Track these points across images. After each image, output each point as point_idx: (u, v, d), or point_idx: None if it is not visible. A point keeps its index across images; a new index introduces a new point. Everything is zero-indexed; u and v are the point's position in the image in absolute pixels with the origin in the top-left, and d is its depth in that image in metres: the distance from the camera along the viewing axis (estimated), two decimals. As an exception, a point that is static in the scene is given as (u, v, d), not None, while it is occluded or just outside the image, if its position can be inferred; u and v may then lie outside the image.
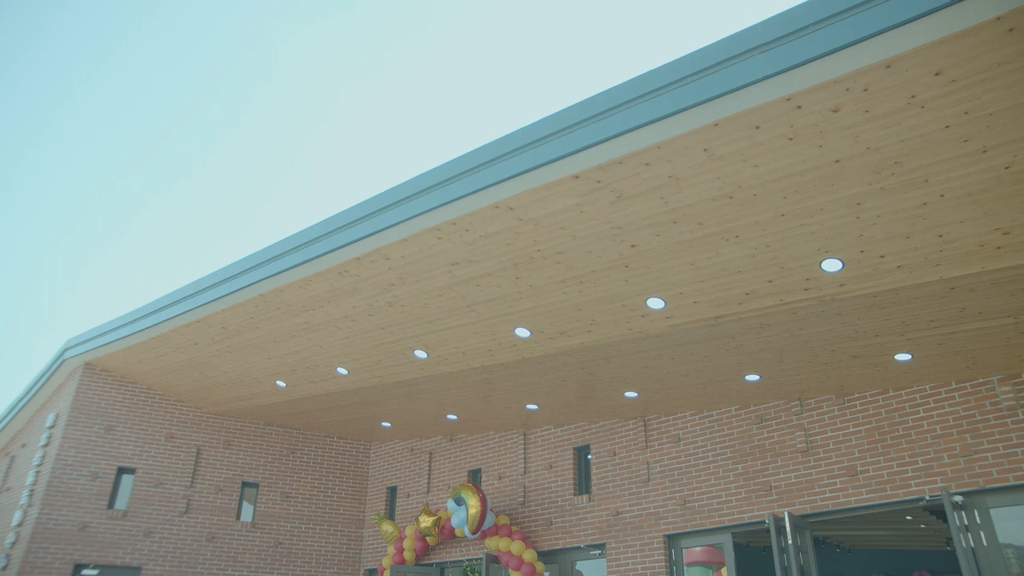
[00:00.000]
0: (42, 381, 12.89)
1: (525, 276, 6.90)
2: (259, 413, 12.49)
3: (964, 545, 7.06)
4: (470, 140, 50.54)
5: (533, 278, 6.90)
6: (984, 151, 4.72)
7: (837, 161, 5.00)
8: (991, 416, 7.37)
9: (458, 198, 6.17)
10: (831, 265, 6.02)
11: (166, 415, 12.39)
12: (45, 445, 11.92)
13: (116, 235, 43.39)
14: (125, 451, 11.93)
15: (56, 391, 13.06)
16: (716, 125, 4.92)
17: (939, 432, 7.61)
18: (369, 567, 12.57)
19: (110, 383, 12.18)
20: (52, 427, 12.08)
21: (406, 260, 7.10)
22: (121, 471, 11.87)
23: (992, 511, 7.21)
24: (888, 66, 4.30)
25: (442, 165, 6.45)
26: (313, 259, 7.59)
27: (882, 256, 5.81)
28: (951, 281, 5.98)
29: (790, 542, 7.79)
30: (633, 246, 6.18)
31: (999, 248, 5.51)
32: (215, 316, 9.30)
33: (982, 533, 7.19)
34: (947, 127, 4.60)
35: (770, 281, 6.33)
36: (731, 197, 5.48)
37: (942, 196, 5.11)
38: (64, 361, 12.18)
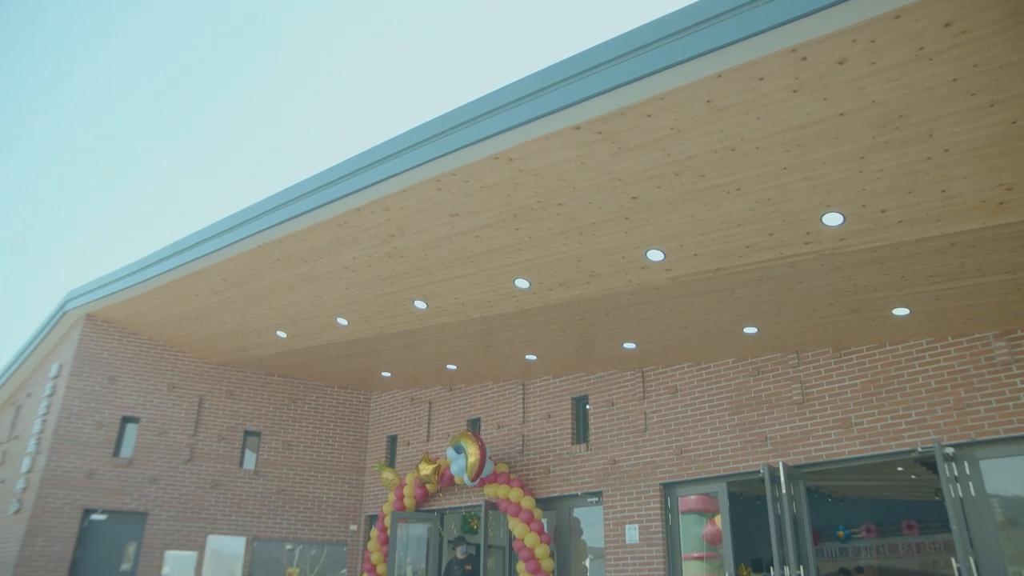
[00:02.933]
0: (44, 332, 12.97)
1: (525, 227, 6.88)
2: (260, 363, 12.59)
3: (953, 495, 7.20)
4: (471, 91, 49.85)
5: (533, 229, 6.89)
6: (991, 105, 4.65)
7: (841, 114, 4.94)
8: (985, 371, 7.44)
9: (458, 149, 6.12)
10: (832, 219, 5.99)
11: (168, 365, 12.49)
12: (50, 395, 12.06)
13: (116, 185, 43.12)
14: (128, 401, 12.07)
15: (59, 342, 13.15)
16: (719, 76, 4.85)
17: (934, 386, 7.69)
18: (370, 513, 12.83)
19: (112, 334, 12.26)
20: (56, 377, 12.20)
21: (406, 211, 7.07)
22: (125, 420, 12.03)
23: (981, 463, 7.35)
24: (897, 16, 4.22)
25: (442, 116, 6.38)
26: (312, 210, 7.56)
27: (883, 211, 5.79)
28: (952, 237, 5.96)
29: (784, 491, 7.94)
30: (634, 198, 6.15)
31: (1001, 204, 5.49)
32: (215, 267, 9.30)
33: (971, 484, 7.33)
34: (955, 80, 4.53)
35: (770, 234, 6.32)
36: (733, 149, 5.43)
37: (946, 151, 5.07)
38: (65, 313, 12.23)
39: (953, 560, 7.02)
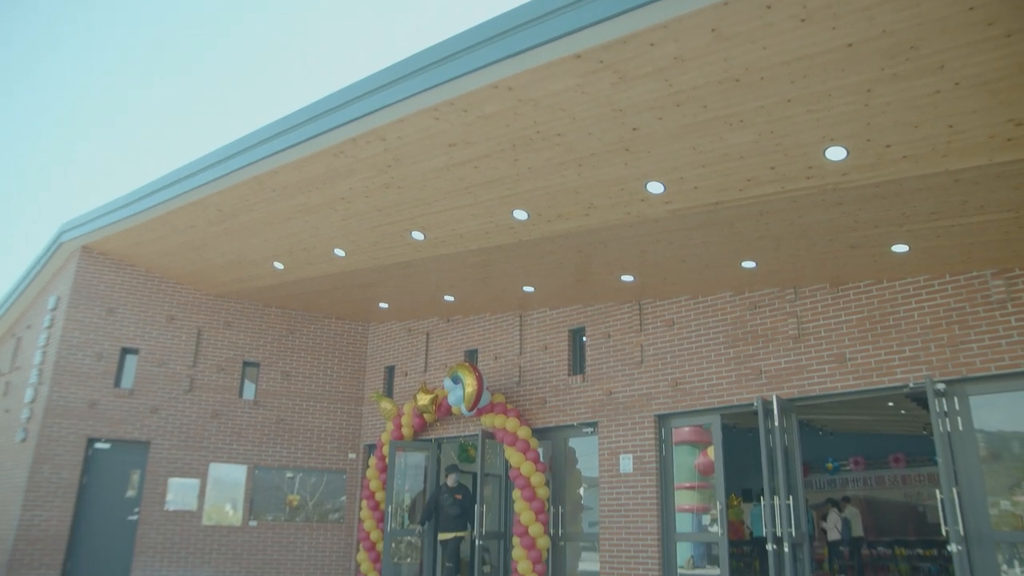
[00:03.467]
0: (40, 264, 12.94)
1: (524, 158, 6.78)
2: (258, 295, 12.61)
3: (941, 430, 7.33)
4: (470, 18, 48.56)
5: (532, 160, 6.79)
6: (1008, 35, 4.49)
7: (850, 45, 4.81)
8: (981, 309, 7.47)
9: (456, 77, 5.98)
10: (835, 153, 5.91)
11: (166, 297, 12.51)
12: (49, 327, 12.11)
13: (113, 116, 42.41)
14: (127, 332, 12.13)
15: (56, 274, 13.13)
16: (726, 4, 4.69)
17: (929, 323, 7.73)
18: (369, 442, 13.06)
19: (109, 266, 12.24)
20: (54, 309, 12.22)
21: (403, 141, 6.96)
22: (125, 351, 12.12)
23: (971, 399, 7.46)
24: (912, -60, 4.07)
25: (440, 43, 6.21)
26: (308, 140, 7.45)
27: (888, 145, 5.70)
28: (956, 173, 5.89)
29: (776, 424, 8.07)
30: (634, 129, 6.05)
31: (1009, 140, 5.40)
32: (211, 198, 9.22)
33: (959, 419, 7.45)
34: (971, 9, 4.37)
35: (772, 168, 6.24)
36: (737, 80, 5.31)
37: (956, 84, 4.95)
38: (61, 245, 12.18)
39: (937, 492, 7.19)
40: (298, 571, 12.23)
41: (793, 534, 7.78)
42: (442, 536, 10.84)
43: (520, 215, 7.87)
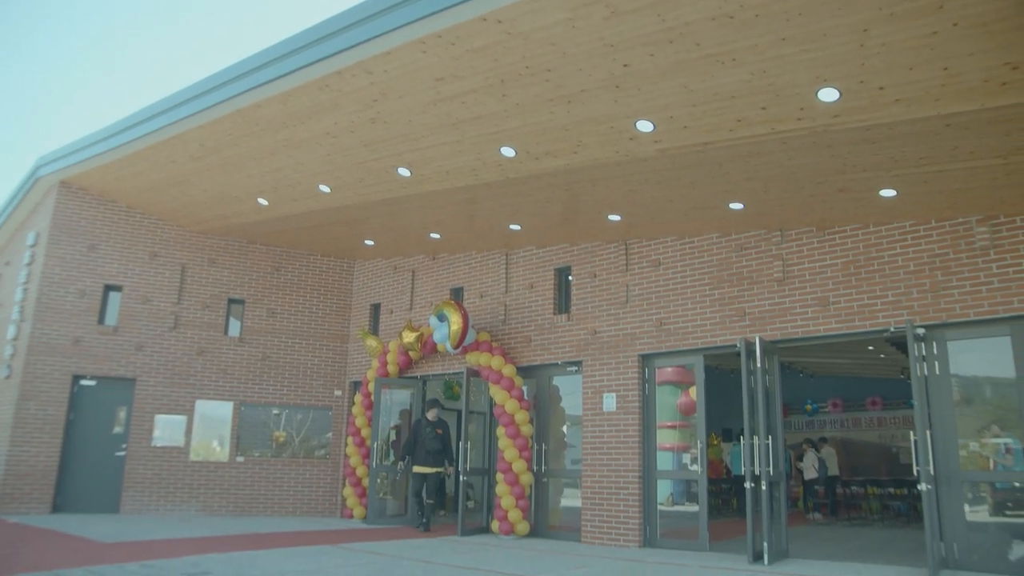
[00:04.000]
0: (17, 200, 12.72)
1: (512, 94, 6.66)
2: (242, 231, 12.49)
3: (919, 374, 7.45)
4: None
5: (520, 96, 6.67)
6: (1007, -24, 4.42)
7: (848, -19, 4.71)
8: (964, 255, 7.52)
9: (444, 9, 5.81)
10: (828, 95, 5.84)
11: (149, 233, 12.38)
12: (29, 263, 11.98)
13: (90, 47, 41.15)
14: (110, 269, 12.02)
15: (34, 210, 12.92)
16: (723, -66, 4.56)
17: (912, 268, 7.79)
18: (354, 379, 13.14)
19: (88, 201, 12.05)
20: (34, 246, 12.07)
21: (389, 75, 6.80)
22: (108, 288, 12.03)
23: (949, 343, 7.57)
24: None
25: (428, -29, 6.02)
26: (292, 72, 7.27)
27: (881, 88, 5.63)
28: (948, 118, 5.85)
29: (758, 366, 8.17)
30: (625, 65, 5.93)
31: (1004, 84, 5.35)
32: (192, 132, 9.03)
33: (936, 363, 7.58)
34: (972, -55, 4.28)
35: (763, 108, 6.17)
36: (731, 17, 5.19)
37: (955, 25, 4.86)
38: (38, 179, 11.95)
39: (911, 433, 7.35)
40: (285, 506, 12.44)
41: (771, 473, 7.96)
42: (420, 469, 10.89)
43: (508, 152, 7.77)
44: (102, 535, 8.77)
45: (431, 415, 11.09)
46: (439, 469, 10.95)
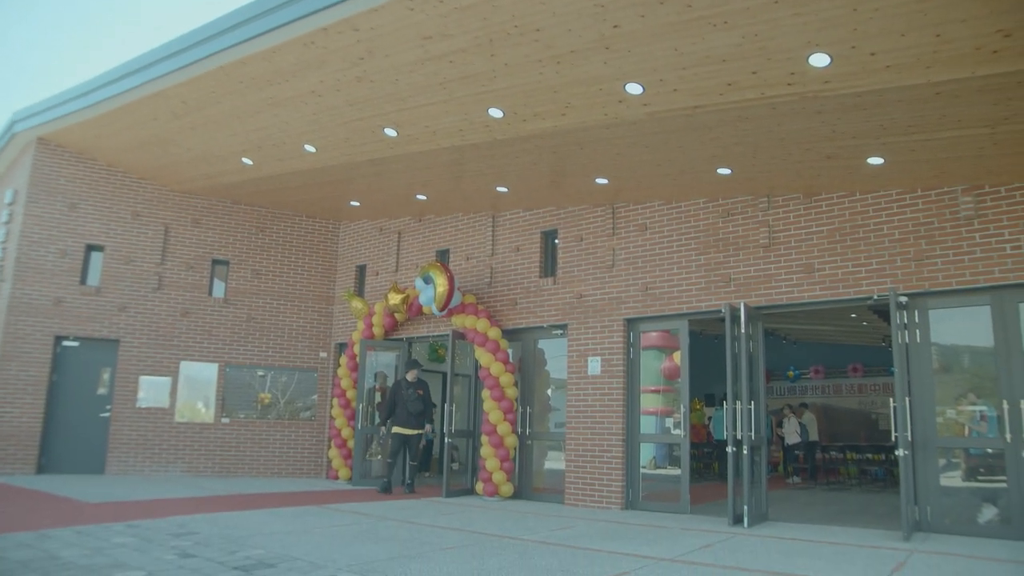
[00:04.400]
0: (-8, 156, 12.48)
1: (501, 53, 6.56)
2: (226, 191, 12.34)
3: (900, 341, 7.53)
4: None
5: (509, 56, 6.57)
6: (1002, -61, 4.37)
7: (843, -59, 4.64)
8: (948, 225, 7.57)
9: (432, -37, 5.70)
10: (819, 60, 5.79)
11: (131, 193, 12.21)
12: (7, 222, 11.80)
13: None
14: (91, 229, 11.88)
15: (11, 167, 12.69)
16: None
17: (897, 236, 7.83)
18: (340, 341, 13.14)
19: (68, 159, 11.85)
20: (12, 204, 11.89)
21: (376, 32, 6.67)
22: (90, 248, 11.90)
23: (930, 312, 7.66)
24: None
25: (415, -76, 5.88)
26: (277, 28, 7.11)
27: (873, 54, 5.59)
28: (938, 85, 5.83)
29: (743, 331, 8.23)
30: (615, 27, 5.85)
31: (995, 52, 5.32)
32: (174, 89, 8.85)
33: (918, 331, 7.67)
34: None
35: (754, 72, 6.12)
36: (725, -23, 5.12)
37: (948, -11, 4.83)
38: (14, 135, 11.72)
39: (891, 400, 7.46)
40: (270, 467, 12.50)
41: (752, 437, 8.07)
42: (401, 431, 10.72)
43: (495, 113, 7.69)
44: (88, 496, 8.79)
45: (411, 376, 11.00)
46: (421, 430, 10.86)
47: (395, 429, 10.79)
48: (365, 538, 6.44)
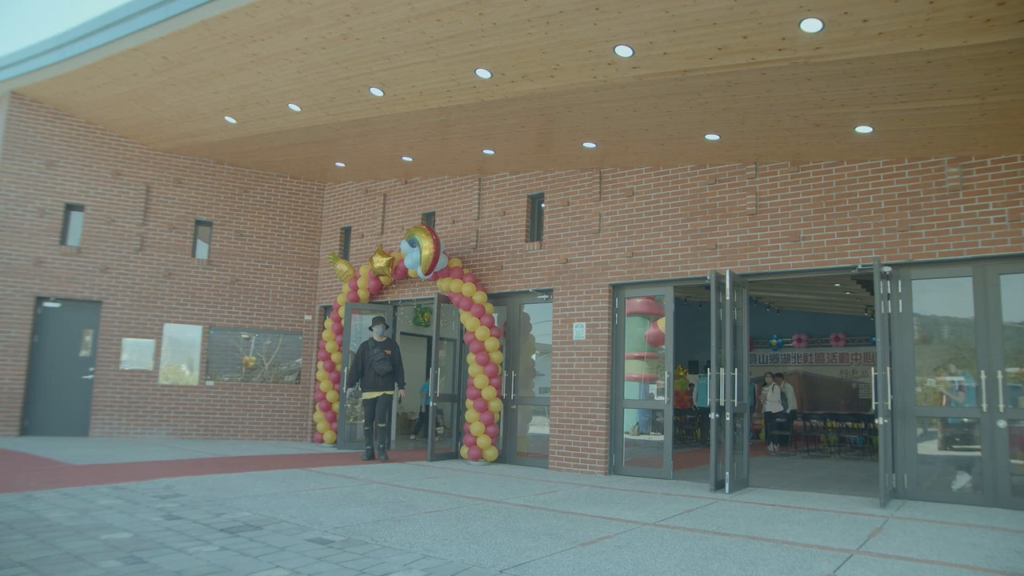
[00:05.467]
0: (-37, 108, 12.17)
1: (489, 12, 6.44)
2: (209, 151, 12.15)
3: (882, 311, 7.59)
4: None
5: (497, 15, 6.45)
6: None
7: (839, -98, 4.55)
8: (934, 195, 7.57)
9: (420, -82, 5.55)
10: (810, 25, 5.72)
11: (111, 151, 12.00)
12: (-19, 178, 11.57)
13: (37, -56, 38.97)
14: (70, 187, 11.68)
15: (-17, 121, 12.40)
16: None
17: (883, 206, 7.83)
18: (324, 304, 13.08)
19: (44, 115, 11.61)
20: (-13, 159, 11.64)
21: (361, -12, 6.53)
22: (69, 208, 11.72)
23: (913, 283, 7.70)
24: None
25: None
26: (259, -19, 6.94)
27: (865, 20, 5.53)
28: (929, 54, 5.79)
29: (727, 298, 8.25)
30: (607, -12, 5.75)
31: (988, 21, 5.27)
32: (154, 44, 8.64)
33: (900, 302, 7.72)
34: None
35: (745, 37, 6.04)
36: (718, -63, 5.02)
37: (942, -48, 4.76)
38: (-14, 88, 11.44)
39: (872, 369, 7.52)
40: (255, 430, 12.51)
41: (735, 405, 8.14)
42: (370, 395, 10.32)
43: (483, 74, 7.57)
44: (72, 458, 8.77)
45: (376, 334, 10.48)
46: (388, 392, 10.34)
47: (364, 394, 10.37)
48: (350, 501, 6.47)
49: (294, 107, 9.45)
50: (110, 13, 8.81)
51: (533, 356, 10.90)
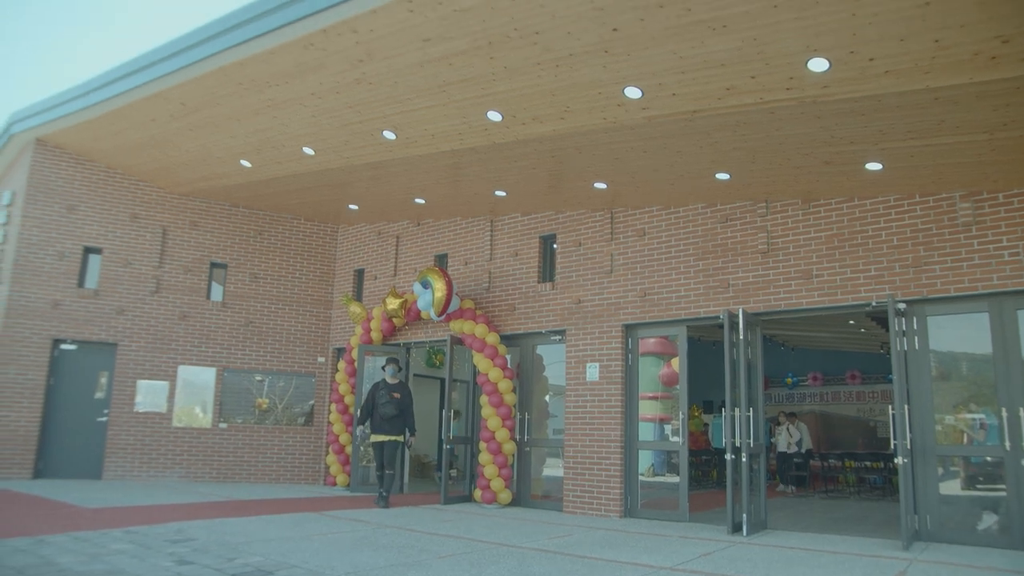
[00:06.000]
0: (-9, 156, 12.46)
1: (500, 56, 6.55)
2: (225, 194, 12.33)
3: (898, 349, 7.51)
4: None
5: (508, 59, 6.57)
6: (1003, -56, 4.36)
7: (842, -54, 4.64)
8: (946, 231, 7.55)
9: (432, -34, 5.69)
10: (817, 65, 5.79)
11: (129, 195, 12.19)
12: (5, 224, 11.78)
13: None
14: (89, 231, 11.85)
15: (9, 168, 12.67)
16: None
17: (895, 243, 7.81)
18: (338, 346, 13.10)
19: (66, 161, 11.84)
20: (10, 205, 11.87)
21: (375, 34, 6.67)
22: (87, 251, 11.87)
23: (929, 319, 7.63)
24: None
25: (415, -73, 5.88)
26: (276, 29, 7.11)
27: (871, 59, 5.59)
28: (937, 91, 5.83)
29: (741, 338, 8.20)
30: (615, 30, 5.84)
31: (993, 58, 5.32)
32: (173, 90, 8.84)
33: (916, 338, 7.65)
34: (967, -89, 4.22)
35: (753, 77, 6.11)
36: (724, -19, 5.12)
37: (947, -5, 4.82)
38: (12, 136, 11.70)
39: (890, 407, 7.43)
40: (268, 473, 12.45)
41: (751, 445, 8.03)
42: (377, 438, 9.93)
43: (494, 116, 7.68)
44: (85, 501, 8.75)
45: (388, 375, 10.15)
46: (396, 437, 9.93)
47: (372, 437, 10.03)
48: (363, 545, 6.40)
49: (308, 151, 9.60)
50: (132, 61, 9.03)
51: (547, 397, 10.84)
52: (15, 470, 10.83)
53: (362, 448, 11.63)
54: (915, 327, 7.68)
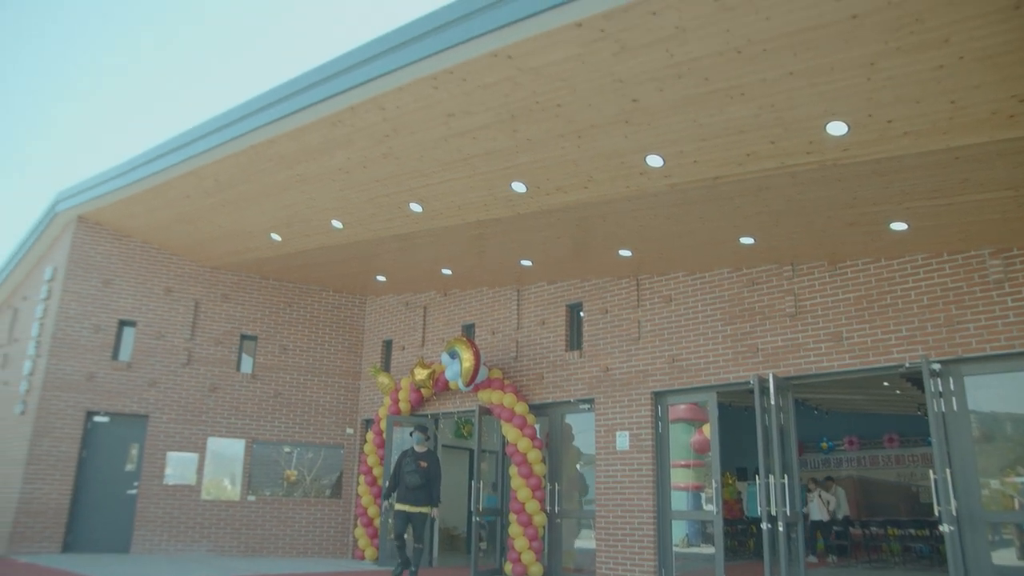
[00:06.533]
0: (36, 235, 12.89)
1: (523, 129, 6.73)
2: (255, 267, 12.58)
3: (936, 410, 7.33)
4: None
5: (531, 131, 6.74)
6: (1016, 7, 4.38)
7: (854, 16, 4.74)
8: (977, 288, 7.45)
9: (454, 45, 5.91)
10: (836, 128, 5.86)
11: (163, 269, 12.48)
12: (46, 298, 12.09)
13: (110, 83, 42.08)
14: (125, 304, 12.11)
15: (52, 245, 13.09)
16: (729, -29, 4.64)
17: (926, 302, 7.71)
18: (366, 417, 13.08)
19: (105, 237, 12.20)
20: (51, 280, 12.20)
21: (401, 110, 6.90)
22: (122, 324, 12.10)
23: (966, 379, 7.45)
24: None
25: (438, 10, 6.13)
26: (305, 108, 7.39)
27: (889, 121, 5.65)
28: (957, 151, 5.85)
29: (772, 403, 8.07)
30: (635, 100, 5.99)
31: (1011, 117, 5.35)
32: (206, 168, 9.16)
33: (954, 399, 7.45)
34: (977, -21, 4.32)
35: (772, 143, 6.19)
36: (739, 52, 5.25)
37: (961, 58, 4.89)
38: (56, 215, 12.13)
39: (931, 472, 7.20)
40: (296, 546, 12.29)
41: (787, 513, 7.81)
42: (402, 507, 9.27)
43: (518, 187, 7.83)
44: None
45: (416, 443, 9.58)
46: (424, 509, 9.33)
47: (397, 506, 9.39)
48: (389, 618, 6.26)
49: (337, 224, 9.82)
50: (168, 141, 9.41)
51: (577, 467, 10.67)
52: (45, 544, 10.82)
53: (391, 521, 11.34)
54: (952, 387, 7.49)
